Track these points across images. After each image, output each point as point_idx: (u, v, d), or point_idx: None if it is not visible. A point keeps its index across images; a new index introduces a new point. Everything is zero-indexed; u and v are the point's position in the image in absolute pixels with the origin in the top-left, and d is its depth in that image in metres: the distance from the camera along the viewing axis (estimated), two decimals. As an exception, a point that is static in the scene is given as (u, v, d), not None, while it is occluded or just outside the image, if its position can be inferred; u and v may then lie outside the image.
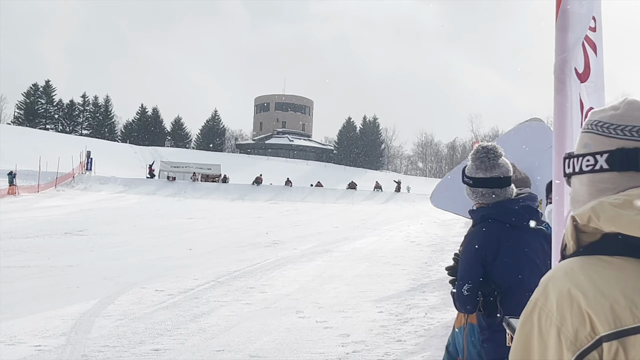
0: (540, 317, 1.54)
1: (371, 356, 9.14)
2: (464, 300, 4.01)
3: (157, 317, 11.38)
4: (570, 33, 3.08)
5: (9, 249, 21.02)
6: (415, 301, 13.25)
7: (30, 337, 9.76)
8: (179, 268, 17.53)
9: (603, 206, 1.58)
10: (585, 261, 1.57)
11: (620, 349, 1.44)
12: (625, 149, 1.63)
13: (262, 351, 9.30)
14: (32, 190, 54.67)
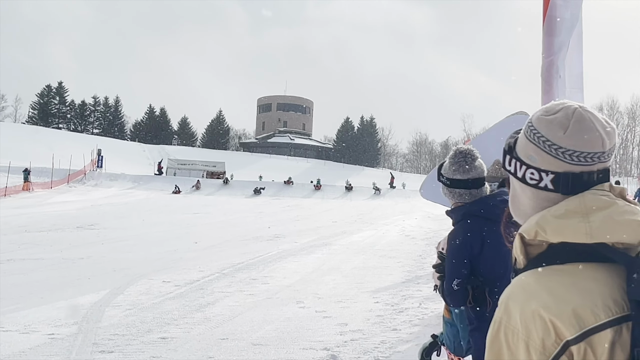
0: (507, 335, 1.55)
1: (368, 344, 9.14)
2: (454, 295, 4.02)
3: (164, 307, 11.38)
4: (556, 37, 3.09)
5: (24, 242, 21.02)
6: (409, 292, 13.25)
7: (44, 325, 9.76)
8: (185, 260, 17.53)
9: (547, 220, 1.60)
10: (540, 274, 1.58)
11: (588, 349, 1.46)
12: (571, 174, 1.63)
13: (264, 339, 9.30)
14: (45, 187, 54.66)
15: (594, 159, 1.63)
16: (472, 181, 4.05)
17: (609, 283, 1.52)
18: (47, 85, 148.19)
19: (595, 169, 1.64)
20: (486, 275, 3.96)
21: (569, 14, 3.14)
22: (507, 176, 1.80)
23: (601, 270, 1.54)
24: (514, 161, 1.73)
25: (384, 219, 37.21)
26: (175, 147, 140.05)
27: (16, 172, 54.82)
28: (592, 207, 1.58)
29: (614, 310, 1.48)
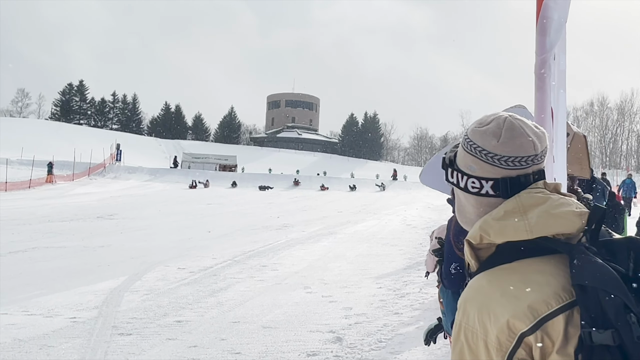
0: (467, 335, 1.58)
1: (371, 327, 9.15)
2: (451, 278, 4.02)
3: (179, 292, 11.40)
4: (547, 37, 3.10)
5: (47, 231, 21.07)
6: (411, 278, 13.25)
7: (66, 310, 9.79)
8: (199, 248, 17.55)
9: (488, 223, 1.63)
10: (492, 274, 1.61)
11: (545, 336, 1.49)
12: (508, 178, 1.67)
13: (274, 322, 9.32)
14: (67, 179, 54.78)
15: (528, 162, 1.67)
16: None
17: (555, 273, 1.55)
18: (69, 84, 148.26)
19: (531, 171, 1.68)
20: None
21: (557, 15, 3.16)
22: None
23: (547, 262, 1.57)
24: (455, 173, 1.77)
25: (386, 210, 37.18)
26: (190, 141, 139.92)
27: (40, 165, 54.95)
28: (529, 205, 1.62)
29: (563, 297, 1.51)
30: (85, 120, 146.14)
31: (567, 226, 1.59)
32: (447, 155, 1.81)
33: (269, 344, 8.14)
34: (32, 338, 8.16)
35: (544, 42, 3.09)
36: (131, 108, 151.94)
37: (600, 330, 1.42)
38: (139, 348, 7.82)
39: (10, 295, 10.85)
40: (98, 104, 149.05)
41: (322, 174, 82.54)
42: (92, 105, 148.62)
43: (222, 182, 62.00)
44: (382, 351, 7.96)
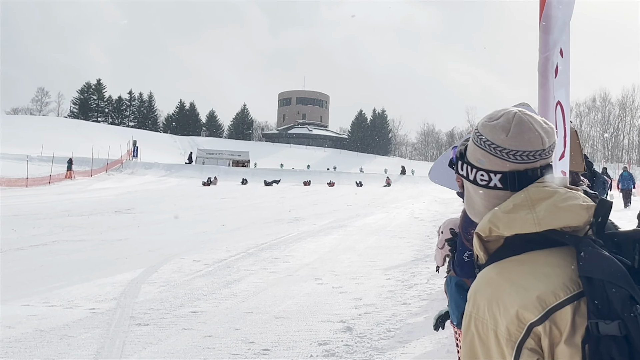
0: (477, 326, 1.58)
1: (380, 317, 9.14)
2: (464, 266, 4.02)
3: (194, 283, 11.41)
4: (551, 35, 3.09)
5: (67, 225, 21.14)
6: (418, 269, 13.24)
7: (86, 301, 9.81)
8: (213, 241, 17.57)
9: (498, 216, 1.63)
10: (500, 266, 1.61)
11: (553, 326, 1.49)
12: (516, 172, 1.67)
13: (286, 313, 9.32)
14: (86, 175, 55.01)
15: (535, 156, 1.67)
16: None
17: (563, 264, 1.55)
18: (87, 83, 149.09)
19: (538, 165, 1.68)
20: None
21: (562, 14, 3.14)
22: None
23: (554, 254, 1.57)
24: (465, 166, 1.77)
25: (394, 203, 37.17)
26: (204, 138, 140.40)
27: (59, 161, 55.17)
28: (537, 198, 1.61)
29: (571, 288, 1.51)
30: (102, 117, 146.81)
31: (574, 219, 1.59)
32: (459, 149, 1.82)
33: (281, 334, 8.15)
34: (52, 328, 8.19)
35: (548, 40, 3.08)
36: (147, 106, 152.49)
37: (607, 322, 1.42)
38: (156, 338, 7.84)
39: (32, 287, 10.90)
40: (115, 102, 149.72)
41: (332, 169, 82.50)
42: (109, 103, 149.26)
43: (236, 177, 62.09)
44: (391, 340, 7.95)
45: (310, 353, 7.33)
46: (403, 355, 7.35)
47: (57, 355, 7.04)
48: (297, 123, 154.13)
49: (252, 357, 7.12)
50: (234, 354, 7.26)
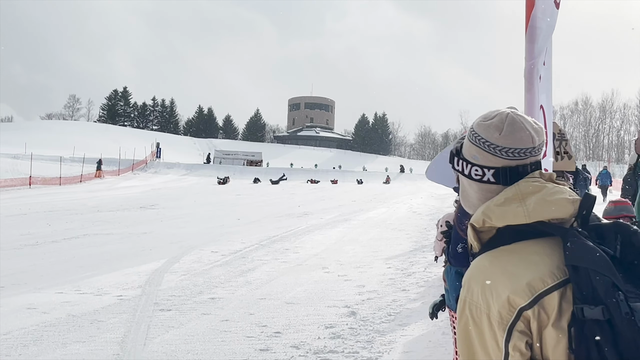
0: (471, 310, 1.58)
1: (382, 302, 9.15)
2: (458, 257, 4.01)
3: (212, 272, 11.43)
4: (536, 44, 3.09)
5: (97, 220, 21.18)
6: (416, 259, 13.23)
7: (114, 289, 9.84)
8: (230, 234, 17.59)
9: (491, 208, 1.64)
10: (493, 255, 1.62)
11: (541, 310, 1.50)
12: (508, 168, 1.68)
13: (296, 299, 9.33)
14: (114, 174, 55.10)
15: (526, 153, 1.68)
16: None
17: (550, 253, 1.56)
18: (114, 90, 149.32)
19: (529, 162, 1.69)
20: None
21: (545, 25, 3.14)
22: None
23: (543, 244, 1.58)
24: (460, 162, 1.77)
25: (394, 199, 37.15)
26: (221, 140, 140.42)
27: (89, 162, 55.29)
28: (527, 192, 1.62)
29: (557, 276, 1.52)
30: (128, 122, 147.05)
31: (561, 212, 1.60)
32: (455, 146, 1.82)
33: (291, 318, 8.15)
34: (84, 314, 8.21)
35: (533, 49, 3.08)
36: (169, 111, 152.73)
37: (592, 307, 1.42)
38: (178, 322, 7.86)
39: (65, 276, 10.93)
40: (140, 107, 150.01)
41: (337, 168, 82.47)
42: (134, 109, 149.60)
43: (250, 176, 62.13)
44: (392, 323, 7.95)
45: (317, 335, 7.34)
46: (402, 337, 7.35)
47: (87, 338, 7.06)
48: (306, 126, 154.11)
49: (265, 339, 7.13)
50: (249, 336, 7.27)
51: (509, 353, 1.50)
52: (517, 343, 1.50)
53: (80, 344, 6.84)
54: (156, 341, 6.98)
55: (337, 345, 6.95)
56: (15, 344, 6.80)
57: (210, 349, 6.75)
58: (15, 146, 68.17)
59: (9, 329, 7.43)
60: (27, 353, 6.50)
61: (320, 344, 6.97)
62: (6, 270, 11.41)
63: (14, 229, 18.04)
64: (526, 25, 3.10)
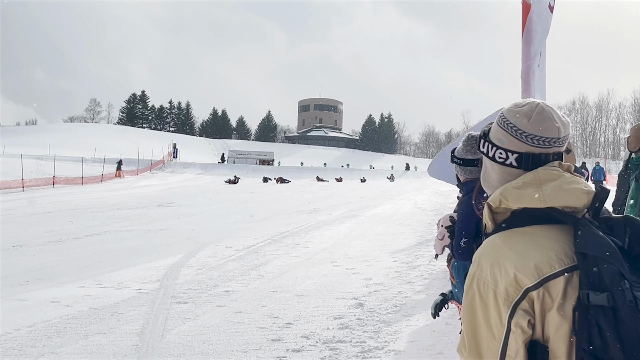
0: (479, 285, 1.59)
1: (388, 294, 9.14)
2: (462, 251, 4.00)
3: (227, 267, 11.45)
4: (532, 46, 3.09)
5: (117, 217, 21.25)
6: (421, 252, 13.21)
7: (133, 283, 9.87)
8: (243, 230, 17.60)
9: (508, 190, 1.65)
10: (505, 235, 1.62)
11: (546, 293, 1.50)
12: (531, 154, 1.68)
13: (306, 291, 9.33)
14: (133, 174, 55.29)
15: (550, 143, 1.67)
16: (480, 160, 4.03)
17: (560, 239, 1.56)
18: (133, 94, 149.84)
19: (551, 151, 1.69)
20: None
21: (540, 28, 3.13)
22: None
23: (554, 230, 1.59)
24: (487, 144, 1.78)
25: (400, 195, 37.12)
26: (234, 140, 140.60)
27: (110, 162, 55.53)
28: (544, 179, 1.63)
29: (565, 261, 1.52)
30: (146, 124, 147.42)
31: (575, 201, 1.60)
32: (483, 129, 1.83)
33: (302, 309, 8.16)
34: (105, 307, 8.24)
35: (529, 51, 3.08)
36: (185, 113, 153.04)
37: (597, 293, 1.43)
38: (194, 314, 7.87)
39: (87, 271, 10.97)
40: (157, 110, 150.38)
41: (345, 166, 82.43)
42: (152, 112, 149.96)
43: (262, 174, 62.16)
44: (397, 314, 7.95)
45: (327, 326, 7.34)
46: (407, 327, 7.35)
47: (108, 330, 7.09)
48: (315, 126, 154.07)
49: (276, 330, 7.14)
50: (261, 327, 7.28)
51: (511, 329, 1.51)
52: (520, 321, 1.51)
53: (101, 335, 6.87)
54: (173, 332, 7.00)
55: (345, 335, 6.96)
56: (39, 336, 6.84)
57: (224, 339, 6.77)
58: (40, 148, 68.66)
59: (34, 321, 7.47)
60: (51, 344, 6.53)
61: (329, 334, 6.98)
62: (31, 266, 11.48)
63: (38, 226, 18.14)
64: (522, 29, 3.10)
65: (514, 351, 1.52)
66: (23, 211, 23.40)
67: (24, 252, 13.30)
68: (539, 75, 3.36)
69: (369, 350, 6.41)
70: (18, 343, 6.56)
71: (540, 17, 3.12)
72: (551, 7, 3.36)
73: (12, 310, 8.08)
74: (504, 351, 1.52)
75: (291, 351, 6.33)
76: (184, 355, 6.20)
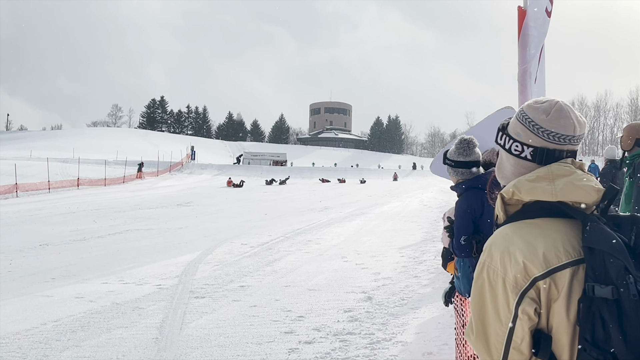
0: (489, 273, 1.58)
1: (395, 288, 9.12)
2: (461, 248, 4.00)
3: (242, 263, 11.46)
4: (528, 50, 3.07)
5: (138, 216, 21.33)
6: (427, 248, 13.19)
7: (153, 278, 9.90)
8: (258, 228, 17.63)
9: (522, 183, 1.64)
10: (516, 226, 1.62)
11: (552, 283, 1.50)
12: (546, 149, 1.67)
13: (317, 285, 9.33)
14: (153, 175, 55.38)
15: (565, 140, 1.67)
16: (472, 163, 4.05)
17: (569, 233, 1.56)
18: (152, 99, 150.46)
19: (565, 148, 1.68)
20: (486, 232, 3.92)
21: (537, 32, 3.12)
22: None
23: (563, 224, 1.58)
24: (504, 137, 1.77)
25: (407, 193, 37.06)
26: (249, 142, 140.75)
27: (131, 165, 55.68)
28: (557, 174, 1.62)
29: (572, 254, 1.52)
30: (166, 128, 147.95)
31: (586, 197, 1.60)
32: (502, 123, 1.83)
33: (313, 303, 8.16)
34: (127, 302, 8.27)
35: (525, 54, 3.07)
36: (202, 117, 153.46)
37: (602, 286, 1.43)
38: (211, 308, 7.89)
39: (110, 268, 11.02)
40: (176, 114, 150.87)
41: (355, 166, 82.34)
42: (171, 116, 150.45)
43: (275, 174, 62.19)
44: (404, 307, 7.93)
45: (337, 319, 7.34)
46: (414, 319, 7.33)
47: (130, 324, 7.12)
48: (326, 128, 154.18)
49: (289, 323, 7.14)
50: (275, 320, 7.28)
51: (518, 315, 1.52)
52: (527, 308, 1.51)
53: (123, 329, 6.90)
54: (191, 326, 7.02)
55: (354, 327, 6.95)
56: (64, 330, 6.87)
57: (240, 332, 6.78)
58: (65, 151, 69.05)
59: (59, 316, 7.51)
60: (75, 338, 6.56)
61: (340, 327, 6.97)
62: (57, 263, 11.55)
63: (63, 225, 18.23)
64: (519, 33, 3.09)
65: (520, 337, 1.52)
66: (49, 211, 23.52)
67: (50, 250, 13.38)
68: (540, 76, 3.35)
69: (377, 341, 6.40)
70: (44, 337, 6.60)
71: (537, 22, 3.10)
72: (548, 12, 3.34)
73: (38, 305, 8.13)
74: (510, 336, 1.53)
75: (303, 343, 6.33)
76: (201, 347, 6.21)
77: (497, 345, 1.56)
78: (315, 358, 5.85)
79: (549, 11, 3.36)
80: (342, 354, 5.96)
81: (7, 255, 12.64)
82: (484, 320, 1.60)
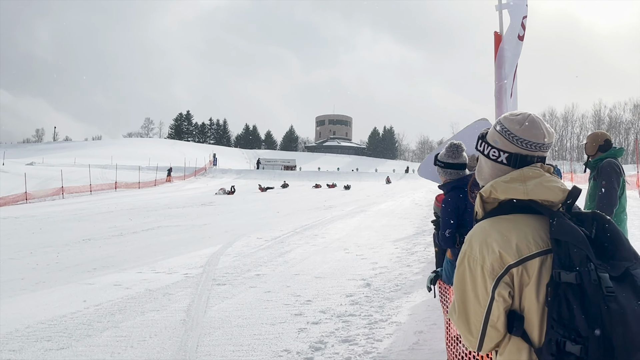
0: (469, 261, 1.61)
1: (391, 275, 9.11)
2: (446, 240, 4.00)
3: (258, 254, 11.47)
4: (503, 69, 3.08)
5: (168, 215, 21.37)
6: (418, 241, 13.16)
7: (181, 268, 9.92)
8: (271, 224, 17.63)
9: (498, 183, 1.67)
10: (493, 220, 1.65)
11: (524, 271, 1.54)
12: (519, 154, 1.70)
13: (323, 274, 9.33)
14: (180, 179, 55.49)
15: (536, 147, 1.69)
16: (460, 165, 4.06)
17: (538, 227, 1.58)
18: (180, 113, 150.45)
19: (536, 154, 1.70)
20: (468, 226, 3.92)
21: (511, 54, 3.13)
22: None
23: (533, 219, 1.61)
24: (484, 144, 1.79)
25: (400, 194, 36.97)
26: (263, 150, 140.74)
27: (161, 170, 55.83)
28: (528, 176, 1.65)
29: (541, 245, 1.55)
30: (191, 138, 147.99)
31: (553, 196, 1.62)
32: (481, 132, 1.85)
33: (319, 289, 8.16)
34: (158, 288, 8.29)
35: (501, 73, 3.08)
36: (222, 128, 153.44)
37: (567, 272, 1.46)
38: (231, 293, 7.90)
39: (143, 259, 11.05)
40: (200, 126, 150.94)
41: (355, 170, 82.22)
42: (195, 127, 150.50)
43: (286, 178, 62.17)
44: (398, 292, 7.92)
45: (340, 302, 7.34)
46: (407, 302, 7.32)
47: (160, 308, 7.13)
48: (329, 138, 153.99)
49: (299, 306, 7.14)
50: (286, 304, 7.29)
51: (494, 298, 1.55)
52: (502, 291, 1.54)
53: (155, 312, 6.91)
54: (214, 309, 7.03)
55: (355, 310, 6.95)
56: (104, 313, 6.90)
57: (256, 314, 6.79)
58: (104, 159, 69.22)
59: (100, 301, 7.54)
60: (114, 320, 6.59)
61: (342, 309, 6.97)
62: (98, 256, 11.58)
63: (103, 223, 18.28)
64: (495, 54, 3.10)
65: (496, 316, 1.56)
66: (91, 211, 23.60)
67: (91, 244, 13.42)
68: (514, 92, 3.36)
69: (375, 322, 6.40)
70: (87, 319, 6.63)
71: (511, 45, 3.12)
72: (520, 37, 3.36)
73: (82, 292, 8.16)
74: (488, 315, 1.56)
75: (311, 323, 6.34)
76: (222, 327, 6.22)
77: (477, 324, 1.59)
78: (322, 336, 5.86)
79: (521, 36, 3.37)
80: (344, 333, 5.97)
81: (55, 249, 12.69)
82: (465, 302, 1.62)
